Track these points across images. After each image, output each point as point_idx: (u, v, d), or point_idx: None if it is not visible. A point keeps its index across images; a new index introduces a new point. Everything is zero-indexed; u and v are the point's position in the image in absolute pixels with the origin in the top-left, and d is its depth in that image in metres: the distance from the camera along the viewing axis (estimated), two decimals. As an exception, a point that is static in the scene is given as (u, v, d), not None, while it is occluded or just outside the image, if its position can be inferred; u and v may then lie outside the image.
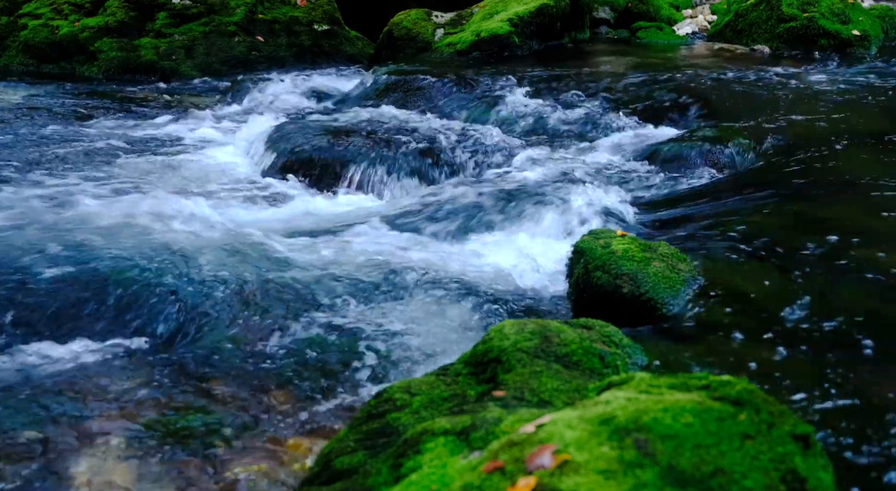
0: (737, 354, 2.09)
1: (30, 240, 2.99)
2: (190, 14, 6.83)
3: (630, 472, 1.12)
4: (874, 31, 7.06)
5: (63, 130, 4.90)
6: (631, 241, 2.60)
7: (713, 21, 8.28)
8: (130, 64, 6.54)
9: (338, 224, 3.61)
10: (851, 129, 4.29)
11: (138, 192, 3.71)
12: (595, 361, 1.84)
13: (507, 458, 1.19)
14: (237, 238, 3.17)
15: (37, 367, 2.36)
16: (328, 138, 4.45)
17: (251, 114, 5.43)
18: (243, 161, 4.57)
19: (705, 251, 2.80)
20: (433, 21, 7.07)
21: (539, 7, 6.83)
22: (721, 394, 1.26)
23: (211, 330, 2.56)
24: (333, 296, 2.76)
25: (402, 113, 5.04)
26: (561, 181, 3.83)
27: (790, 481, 1.13)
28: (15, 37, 6.73)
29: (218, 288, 2.73)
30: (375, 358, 2.42)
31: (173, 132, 4.98)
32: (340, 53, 7.11)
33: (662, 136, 4.60)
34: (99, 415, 2.13)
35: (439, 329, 2.59)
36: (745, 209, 3.31)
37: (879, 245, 2.70)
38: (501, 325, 1.90)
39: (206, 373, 2.35)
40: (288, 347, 2.48)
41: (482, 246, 3.24)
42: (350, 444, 1.66)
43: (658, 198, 3.78)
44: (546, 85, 5.43)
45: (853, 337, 2.14)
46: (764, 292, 2.40)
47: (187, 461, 1.97)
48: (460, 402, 1.70)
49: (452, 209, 3.57)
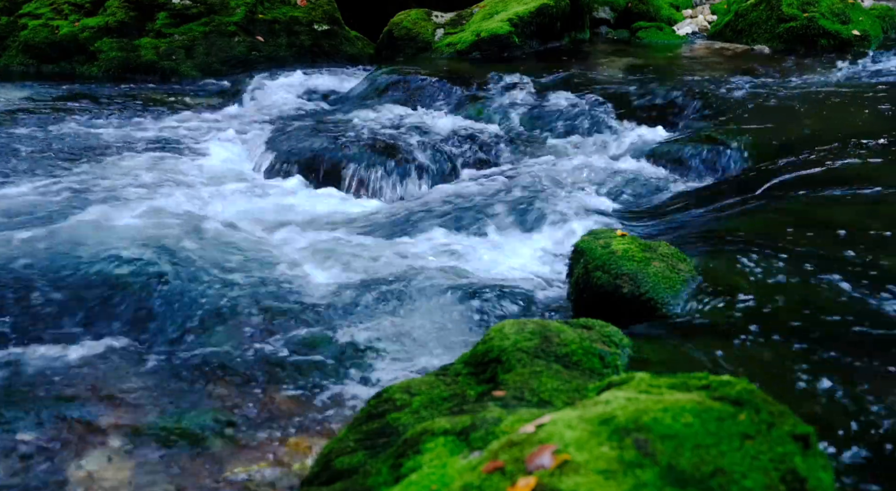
0: (737, 353, 2.09)
1: (29, 240, 2.99)
2: (190, 14, 6.83)
3: (630, 472, 1.12)
4: (874, 31, 7.06)
5: (63, 130, 4.90)
6: (631, 241, 2.60)
7: (713, 21, 8.27)
8: (130, 64, 6.54)
9: (338, 224, 3.61)
10: (851, 129, 4.29)
11: (138, 193, 3.71)
12: (595, 361, 1.84)
13: (507, 458, 1.19)
14: (237, 238, 3.17)
15: (37, 367, 2.35)
16: (328, 138, 4.45)
17: (251, 114, 5.43)
18: (243, 161, 4.57)
19: (705, 251, 2.80)
20: (433, 21, 7.07)
21: (539, 7, 6.83)
22: (721, 394, 1.26)
23: (211, 330, 2.56)
24: (333, 296, 2.76)
25: (402, 113, 5.04)
26: (561, 181, 3.84)
27: (790, 481, 1.13)
28: (15, 37, 6.73)
29: (218, 288, 2.73)
30: (375, 358, 2.42)
31: (173, 132, 4.98)
32: (340, 53, 7.11)
33: (662, 136, 4.60)
34: (99, 415, 2.13)
35: (439, 329, 2.59)
36: (744, 209, 3.31)
37: (879, 245, 2.70)
38: (501, 325, 1.90)
39: (207, 373, 2.35)
40: (288, 347, 2.48)
41: (482, 246, 3.24)
42: (350, 444, 1.66)
43: (658, 198, 3.78)
44: (546, 85, 5.43)
45: (853, 337, 2.14)
46: (764, 292, 2.40)
47: (187, 461, 1.97)
48: (460, 402, 1.70)
49: (452, 209, 3.57)
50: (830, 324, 2.22)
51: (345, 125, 4.70)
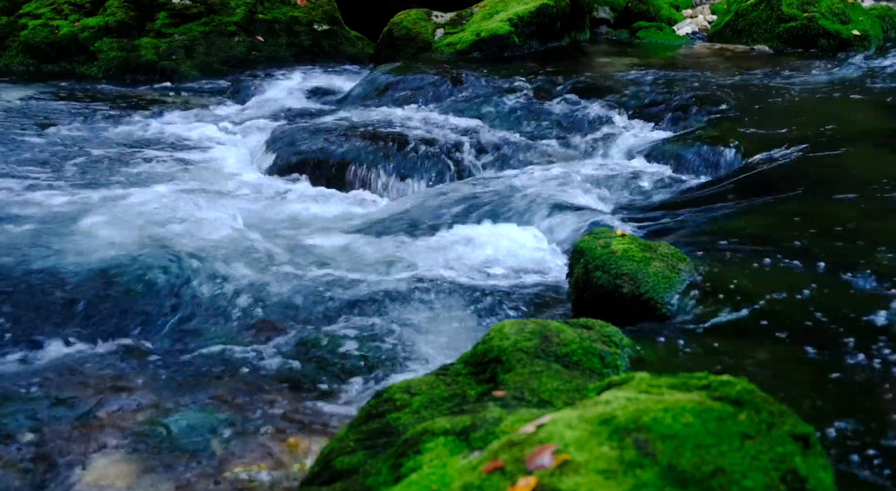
0: (737, 353, 2.09)
1: (29, 240, 2.99)
2: (190, 14, 6.83)
3: (630, 472, 1.12)
4: (874, 31, 7.06)
5: (63, 131, 4.90)
6: (631, 241, 2.60)
7: (713, 21, 8.27)
8: (130, 64, 6.54)
9: (337, 223, 3.61)
10: (851, 129, 4.29)
11: (138, 193, 3.71)
12: (595, 361, 1.84)
13: (507, 458, 1.19)
14: (237, 238, 3.17)
15: (37, 367, 2.36)
16: (328, 138, 4.45)
17: (251, 114, 5.43)
18: (243, 161, 4.57)
19: (705, 251, 2.80)
20: (433, 21, 7.07)
21: (539, 7, 6.83)
22: (721, 394, 1.26)
23: (211, 330, 2.56)
24: (333, 295, 2.76)
25: (402, 112, 5.04)
26: (561, 181, 3.84)
27: (790, 481, 1.13)
28: (15, 37, 6.73)
29: (218, 288, 2.73)
30: (375, 358, 2.42)
31: (173, 132, 4.98)
32: (340, 53, 7.11)
33: (662, 135, 4.60)
34: (99, 415, 2.13)
35: (439, 329, 2.59)
36: (744, 209, 3.31)
37: (879, 245, 2.70)
38: (501, 324, 1.90)
39: (207, 372, 2.35)
40: (288, 347, 2.48)
41: (482, 245, 3.24)
42: (350, 444, 1.66)
43: (658, 197, 3.78)
44: (546, 85, 5.43)
45: (853, 337, 2.14)
46: (764, 292, 2.40)
47: (187, 461, 1.97)
48: (460, 402, 1.70)
49: (452, 209, 3.57)
50: (831, 323, 2.22)
51: (345, 125, 4.70)
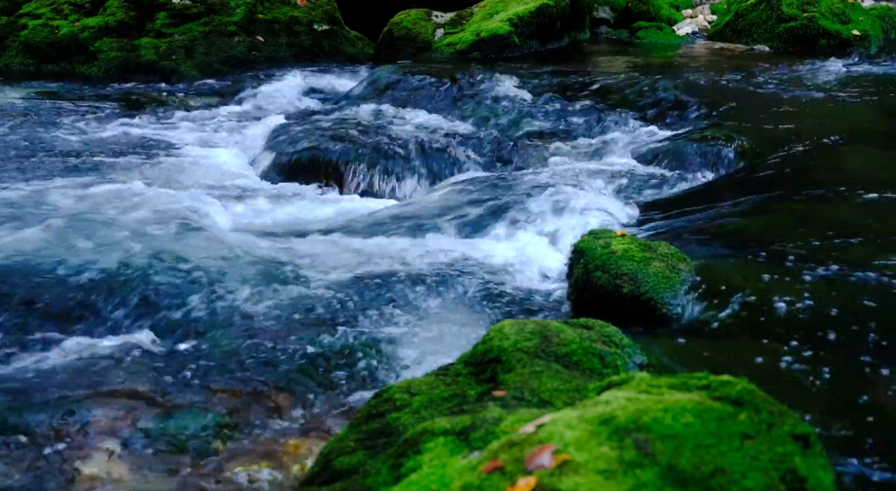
0: (737, 353, 2.09)
1: (29, 240, 2.99)
2: (190, 14, 6.82)
3: (630, 472, 1.12)
4: (874, 31, 7.06)
5: (63, 130, 4.90)
6: (631, 241, 2.60)
7: (713, 21, 8.28)
8: (130, 64, 6.54)
9: (337, 224, 3.61)
10: (851, 129, 4.29)
11: (138, 193, 3.71)
12: (595, 361, 1.84)
13: (507, 458, 1.19)
14: (236, 239, 3.17)
15: (37, 367, 2.35)
16: (328, 138, 4.45)
17: (251, 114, 5.43)
18: (243, 161, 4.57)
19: (705, 251, 2.80)
20: (433, 21, 7.07)
21: (539, 7, 6.83)
22: (721, 394, 1.26)
23: (211, 330, 2.56)
24: (333, 296, 2.76)
25: (402, 113, 5.04)
26: (561, 181, 3.83)
27: (790, 481, 1.13)
28: (15, 37, 6.73)
29: (218, 288, 2.73)
30: (375, 358, 2.42)
31: (173, 132, 4.98)
32: (340, 53, 7.11)
33: (662, 135, 4.60)
34: (98, 414, 2.13)
35: (439, 329, 2.59)
36: (744, 209, 3.31)
37: (879, 245, 2.70)
38: (501, 325, 1.90)
39: (207, 373, 2.35)
40: (288, 347, 2.48)
41: (482, 246, 3.24)
42: (350, 444, 1.66)
43: (658, 197, 3.78)
44: (546, 85, 5.43)
45: (853, 336, 2.14)
46: (764, 292, 2.40)
47: (187, 461, 1.97)
48: (460, 402, 1.70)
49: (452, 209, 3.56)
50: (831, 323, 2.22)
51: (345, 125, 4.69)
